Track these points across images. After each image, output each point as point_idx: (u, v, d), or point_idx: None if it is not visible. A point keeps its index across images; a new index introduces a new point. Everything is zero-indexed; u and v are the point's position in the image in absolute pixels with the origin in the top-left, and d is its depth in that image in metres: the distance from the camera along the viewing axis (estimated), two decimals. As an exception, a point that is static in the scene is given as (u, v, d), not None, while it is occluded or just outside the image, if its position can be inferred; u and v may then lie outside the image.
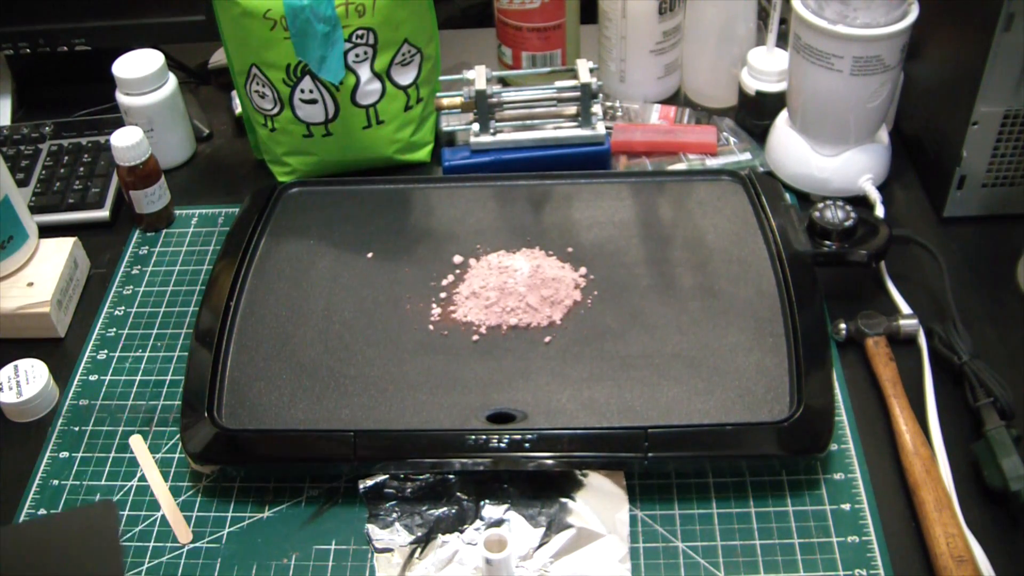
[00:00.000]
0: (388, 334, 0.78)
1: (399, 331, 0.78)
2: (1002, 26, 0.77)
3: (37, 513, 0.72)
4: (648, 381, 0.72)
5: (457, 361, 0.75)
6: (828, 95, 0.86)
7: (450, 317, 0.79)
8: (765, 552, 0.66)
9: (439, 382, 0.74)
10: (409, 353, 0.76)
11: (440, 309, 0.79)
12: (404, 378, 0.74)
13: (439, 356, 0.75)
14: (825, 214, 0.81)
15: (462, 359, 0.75)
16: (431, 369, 0.75)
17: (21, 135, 1.04)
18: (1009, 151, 0.85)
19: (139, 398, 0.80)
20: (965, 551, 0.63)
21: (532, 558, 0.66)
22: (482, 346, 0.76)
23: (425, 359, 0.75)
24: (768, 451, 0.69)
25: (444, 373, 0.74)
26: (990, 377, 0.72)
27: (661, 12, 1.00)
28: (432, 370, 0.74)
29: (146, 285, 0.90)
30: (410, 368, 0.75)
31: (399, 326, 0.78)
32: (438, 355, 0.75)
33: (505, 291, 0.79)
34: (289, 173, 0.97)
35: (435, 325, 0.78)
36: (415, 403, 0.72)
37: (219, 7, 0.89)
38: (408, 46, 0.93)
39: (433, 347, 0.76)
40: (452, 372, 0.74)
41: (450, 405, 0.72)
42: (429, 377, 0.74)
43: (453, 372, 0.74)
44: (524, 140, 0.95)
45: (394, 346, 0.77)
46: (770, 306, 0.77)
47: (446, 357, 0.75)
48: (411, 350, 0.76)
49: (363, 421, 0.71)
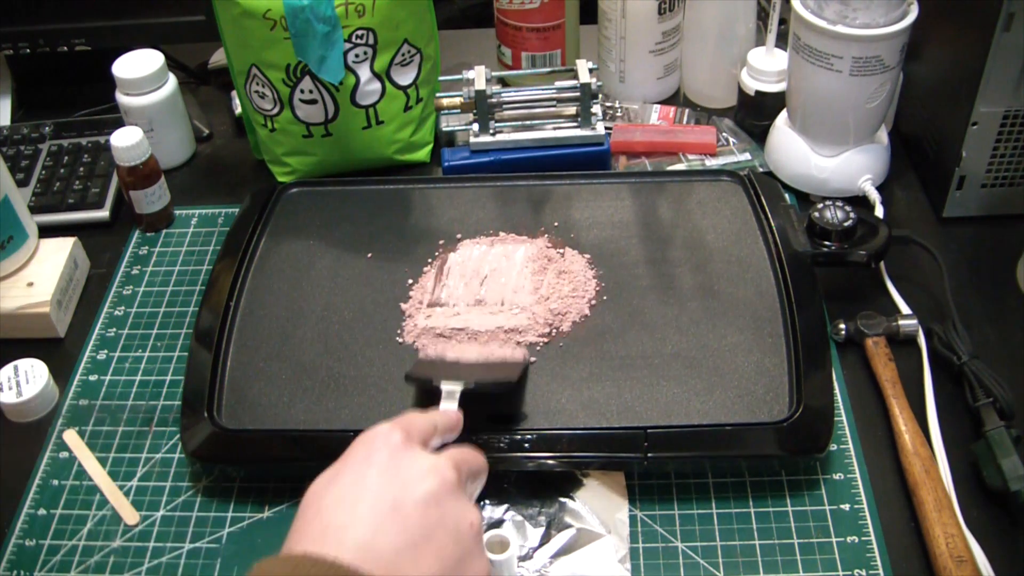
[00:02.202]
0: (388, 334, 0.78)
1: (399, 331, 0.78)
2: (1002, 26, 0.77)
3: (37, 513, 0.72)
4: (648, 381, 0.72)
5: (424, 394, 0.74)
6: (828, 95, 0.87)
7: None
8: (765, 552, 0.66)
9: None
10: (409, 353, 0.76)
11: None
12: (404, 378, 0.74)
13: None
14: (825, 214, 0.81)
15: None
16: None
17: (21, 135, 1.04)
18: (1009, 151, 0.85)
19: (139, 398, 0.80)
20: (965, 551, 0.63)
21: (532, 558, 0.66)
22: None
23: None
24: (768, 451, 0.69)
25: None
26: (990, 377, 0.72)
27: (661, 12, 1.00)
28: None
29: (146, 285, 0.90)
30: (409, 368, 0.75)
31: (399, 326, 0.78)
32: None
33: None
34: (289, 173, 0.97)
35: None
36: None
37: (219, 7, 0.89)
38: (408, 46, 0.93)
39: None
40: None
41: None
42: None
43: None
44: (524, 140, 0.95)
45: (394, 346, 0.77)
46: (770, 306, 0.77)
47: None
48: (411, 350, 0.76)
49: (363, 421, 0.71)
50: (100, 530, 0.71)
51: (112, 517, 0.71)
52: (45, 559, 0.69)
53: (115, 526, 0.71)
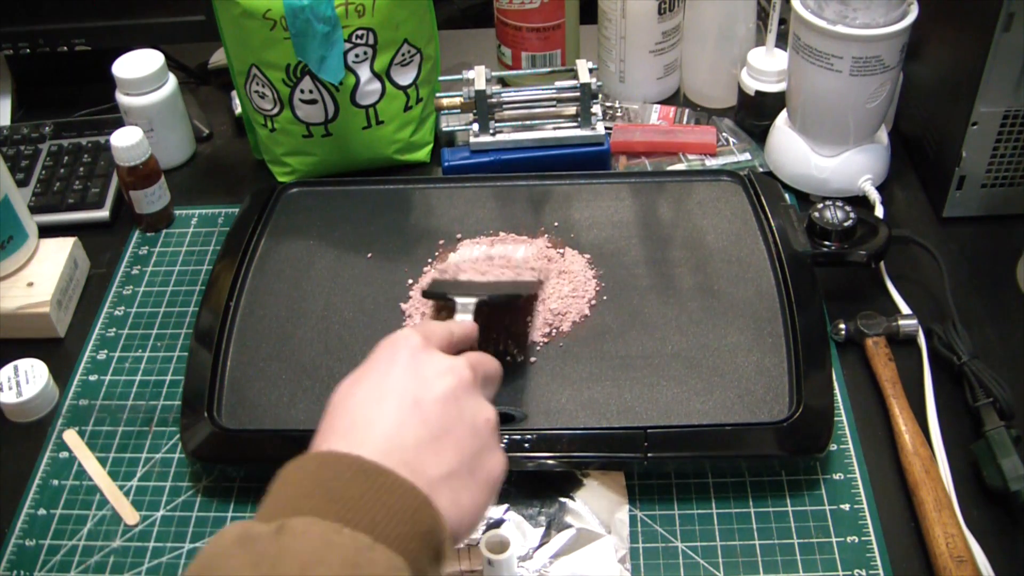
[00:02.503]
0: (388, 334, 0.77)
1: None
2: (1002, 26, 0.77)
3: (37, 513, 0.72)
4: (648, 381, 0.72)
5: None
6: (828, 95, 0.87)
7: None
8: (764, 552, 0.66)
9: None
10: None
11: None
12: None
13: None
14: (824, 214, 0.81)
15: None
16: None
17: (21, 135, 1.04)
18: (1009, 151, 0.85)
19: (139, 398, 0.80)
20: (965, 551, 0.63)
21: (532, 558, 0.66)
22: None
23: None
24: (768, 451, 0.69)
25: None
26: (990, 377, 0.72)
27: (661, 12, 1.00)
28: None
29: (146, 285, 0.90)
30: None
31: (399, 326, 0.78)
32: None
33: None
34: (289, 173, 0.97)
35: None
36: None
37: (219, 7, 0.89)
38: (408, 46, 0.93)
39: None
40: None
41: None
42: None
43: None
44: (524, 140, 0.95)
45: (394, 346, 0.77)
46: (769, 306, 0.77)
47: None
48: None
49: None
50: (100, 530, 0.71)
51: (112, 517, 0.71)
52: (45, 559, 0.69)
53: (115, 526, 0.71)
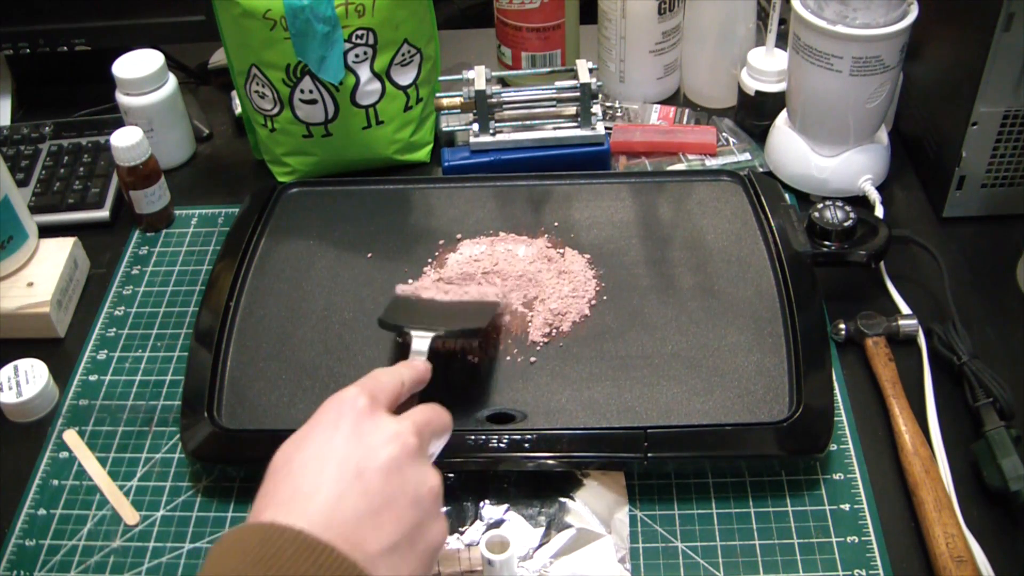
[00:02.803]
0: (388, 334, 0.78)
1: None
2: (1002, 26, 0.77)
3: (37, 513, 0.72)
4: (648, 381, 0.72)
5: (456, 361, 0.75)
6: (828, 95, 0.87)
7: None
8: (764, 552, 0.66)
9: (438, 382, 0.73)
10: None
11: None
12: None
13: (438, 356, 0.75)
14: (824, 214, 0.81)
15: (461, 359, 0.75)
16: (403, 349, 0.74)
17: (21, 135, 1.04)
18: (1009, 151, 0.85)
19: (139, 398, 0.80)
20: (965, 551, 0.63)
21: (532, 558, 0.66)
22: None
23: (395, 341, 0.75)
24: (767, 451, 0.69)
25: (443, 373, 0.74)
26: (990, 377, 0.72)
27: (661, 12, 1.00)
28: (433, 370, 0.74)
29: (146, 285, 0.90)
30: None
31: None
32: (437, 355, 0.75)
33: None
34: (289, 173, 0.97)
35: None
36: (414, 403, 0.72)
37: (219, 7, 0.89)
38: (408, 46, 0.93)
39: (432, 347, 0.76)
40: (451, 372, 0.74)
41: (450, 405, 0.71)
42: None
43: (452, 372, 0.74)
44: (524, 140, 0.95)
45: (394, 346, 0.77)
46: (769, 306, 0.77)
47: (445, 357, 0.75)
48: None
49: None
50: (100, 530, 0.71)
51: (112, 517, 0.71)
52: (45, 559, 0.69)
53: (115, 526, 0.71)
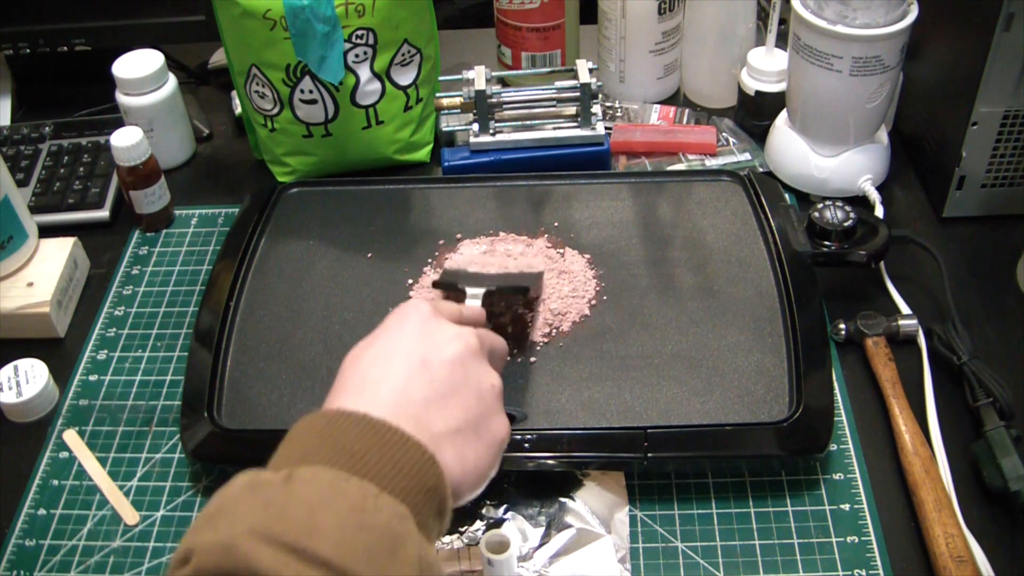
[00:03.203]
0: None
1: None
2: (1002, 26, 0.77)
3: (37, 513, 0.72)
4: (648, 381, 0.72)
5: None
6: (828, 95, 0.87)
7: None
8: (764, 552, 0.66)
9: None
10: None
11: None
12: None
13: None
14: (824, 214, 0.81)
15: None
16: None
17: (21, 135, 1.04)
18: (1009, 151, 0.85)
19: (139, 398, 0.80)
20: (965, 551, 0.63)
21: (532, 558, 0.66)
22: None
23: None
24: (767, 451, 0.69)
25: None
26: (990, 377, 0.72)
27: (661, 12, 1.00)
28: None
29: (146, 285, 0.90)
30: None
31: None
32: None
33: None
34: (289, 173, 0.97)
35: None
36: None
37: (219, 7, 0.89)
38: (408, 46, 0.93)
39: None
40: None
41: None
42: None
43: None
44: (524, 140, 0.95)
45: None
46: (769, 306, 0.77)
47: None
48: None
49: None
50: (100, 530, 0.71)
51: (112, 517, 0.71)
52: (45, 559, 0.69)
53: (115, 526, 0.71)
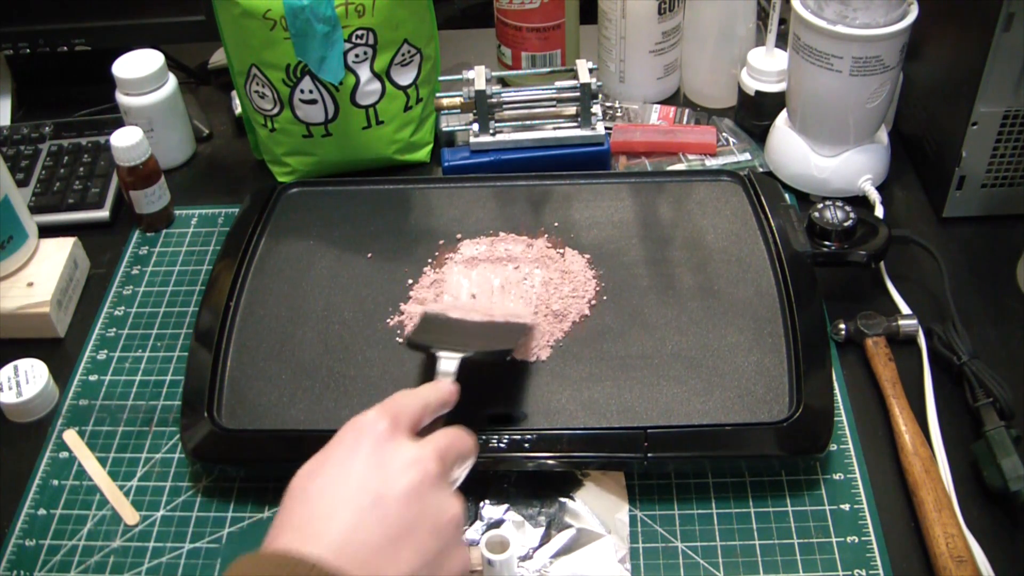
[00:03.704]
0: (388, 334, 0.78)
1: (399, 331, 0.78)
2: (1002, 26, 0.77)
3: (37, 513, 0.72)
4: (648, 381, 0.72)
5: (428, 359, 0.75)
6: (828, 95, 0.87)
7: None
8: (764, 552, 0.66)
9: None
10: (409, 353, 0.76)
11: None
12: (404, 378, 0.74)
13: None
14: (824, 214, 0.81)
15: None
16: (431, 369, 0.74)
17: (21, 135, 1.04)
18: (1009, 151, 0.85)
19: (139, 398, 0.80)
20: (964, 551, 0.63)
21: (532, 558, 0.66)
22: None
23: (424, 359, 0.75)
24: (767, 451, 0.69)
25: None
26: (990, 377, 0.72)
27: (661, 12, 1.00)
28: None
29: (146, 285, 0.90)
30: (410, 368, 0.75)
31: (399, 327, 0.78)
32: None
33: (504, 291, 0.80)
34: (289, 173, 0.97)
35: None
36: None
37: (219, 7, 0.89)
38: (408, 46, 0.93)
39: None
40: (423, 370, 0.74)
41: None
42: (428, 377, 0.74)
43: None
44: (524, 140, 0.95)
45: (394, 346, 0.77)
46: (769, 306, 0.77)
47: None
48: (411, 350, 0.76)
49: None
50: (100, 530, 0.71)
51: (112, 517, 0.71)
52: (45, 559, 0.69)
53: (115, 526, 0.71)
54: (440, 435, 0.55)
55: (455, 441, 0.56)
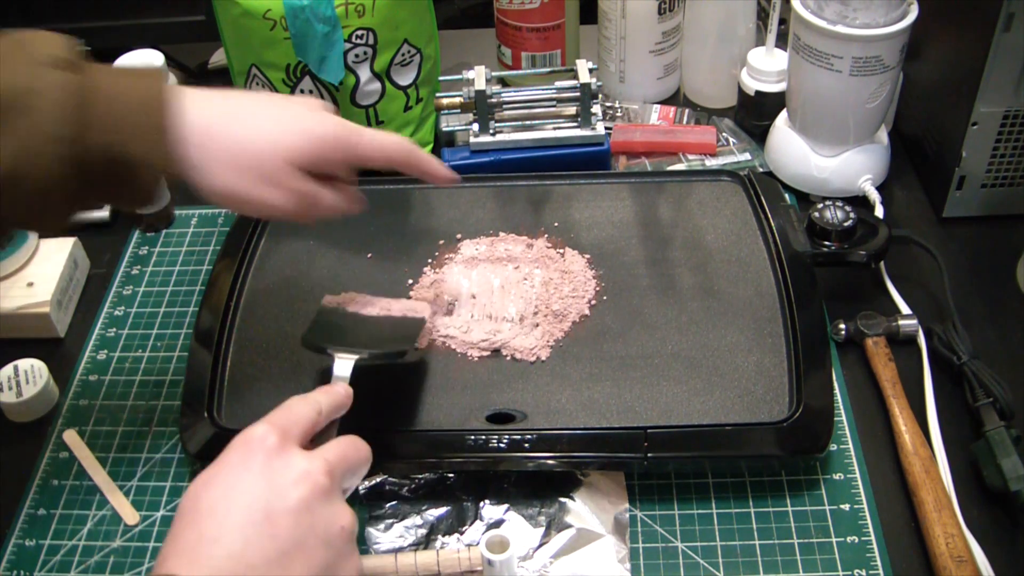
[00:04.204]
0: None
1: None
2: (1002, 26, 0.77)
3: (37, 513, 0.72)
4: (648, 381, 0.72)
5: (456, 361, 0.75)
6: (828, 95, 0.87)
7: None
8: (764, 552, 0.66)
9: (438, 382, 0.74)
10: (408, 353, 0.76)
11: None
12: (403, 378, 0.74)
13: (439, 356, 0.75)
14: (824, 214, 0.81)
15: (462, 359, 0.75)
16: (430, 369, 0.75)
17: (21, 135, 1.04)
18: (1009, 151, 0.85)
19: (139, 398, 0.80)
20: (964, 551, 0.63)
21: (532, 558, 0.66)
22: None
23: (425, 359, 0.75)
24: (767, 451, 0.69)
25: (443, 373, 0.74)
26: (990, 377, 0.72)
27: (661, 12, 1.00)
28: (431, 370, 0.74)
29: (146, 285, 0.90)
30: (409, 368, 0.75)
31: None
32: (438, 355, 0.75)
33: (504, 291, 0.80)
34: (289, 173, 0.97)
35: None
36: (414, 403, 0.72)
37: (219, 7, 0.89)
38: (408, 46, 0.93)
39: (433, 347, 0.76)
40: (451, 372, 0.74)
41: (450, 405, 0.72)
42: (428, 377, 0.74)
43: (452, 372, 0.74)
44: (524, 140, 0.95)
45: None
46: (769, 306, 0.77)
47: (446, 357, 0.75)
48: (410, 350, 0.76)
49: (363, 421, 0.71)
50: (100, 530, 0.71)
51: (112, 517, 0.71)
52: (45, 559, 0.69)
53: (115, 526, 0.71)
54: (332, 445, 0.56)
55: (347, 451, 0.56)
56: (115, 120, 0.57)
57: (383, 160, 0.66)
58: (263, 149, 0.61)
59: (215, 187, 0.61)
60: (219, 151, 0.60)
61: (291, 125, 0.62)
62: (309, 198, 0.63)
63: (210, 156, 0.60)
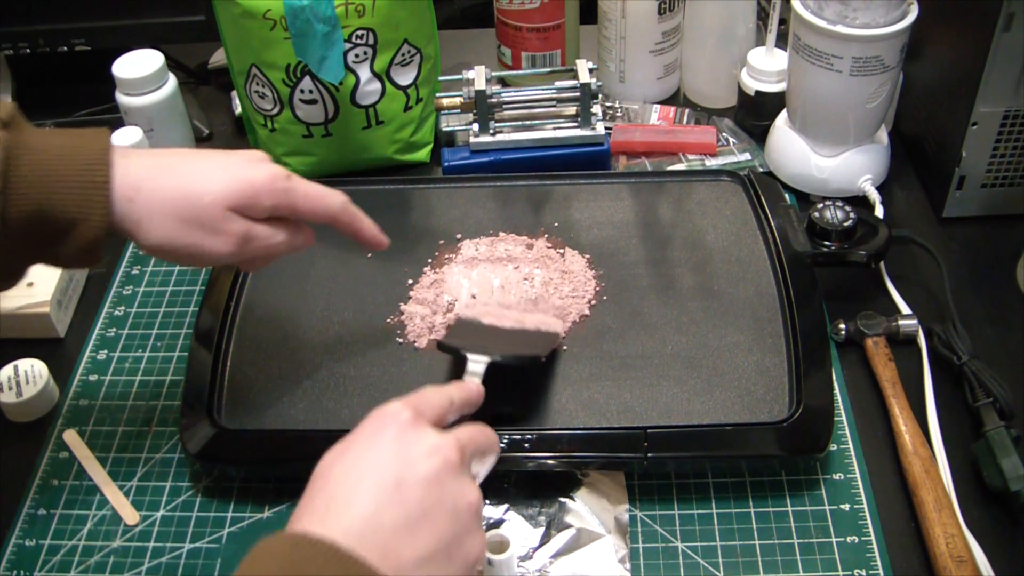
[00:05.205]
0: (388, 334, 0.78)
1: (399, 331, 0.78)
2: (1002, 26, 0.77)
3: (37, 513, 0.72)
4: (648, 381, 0.72)
5: (457, 361, 0.75)
6: (828, 95, 0.87)
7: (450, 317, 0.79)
8: (764, 552, 0.66)
9: (439, 382, 0.74)
10: (409, 353, 0.76)
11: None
12: (404, 378, 0.74)
13: (439, 356, 0.75)
14: (824, 214, 0.81)
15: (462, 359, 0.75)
16: (431, 369, 0.75)
17: (21, 135, 1.04)
18: (1009, 151, 0.85)
19: (139, 398, 0.80)
20: (965, 551, 0.63)
21: (532, 558, 0.66)
22: (482, 346, 0.76)
23: (425, 359, 0.75)
24: (767, 451, 0.69)
25: (444, 373, 0.74)
26: (990, 377, 0.72)
27: (661, 12, 1.00)
28: (432, 370, 0.74)
29: (146, 285, 0.90)
30: (410, 368, 0.75)
31: (398, 327, 0.78)
32: (438, 355, 0.75)
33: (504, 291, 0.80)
34: (289, 173, 0.97)
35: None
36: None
37: (219, 7, 0.89)
38: (408, 46, 0.93)
39: (432, 347, 0.76)
40: (452, 372, 0.74)
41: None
42: (429, 377, 0.74)
43: (453, 372, 0.74)
44: (524, 140, 0.95)
45: (394, 346, 0.77)
46: (769, 306, 0.77)
47: (445, 357, 0.75)
48: (411, 350, 0.76)
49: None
50: (100, 530, 0.71)
51: (112, 517, 0.71)
52: (45, 559, 0.69)
53: (115, 526, 0.71)
54: (463, 429, 0.57)
55: (477, 436, 0.57)
56: (47, 177, 0.59)
57: (319, 213, 0.67)
58: (198, 194, 0.62)
59: (152, 240, 0.62)
60: (158, 203, 0.62)
61: (226, 172, 0.64)
62: (245, 239, 0.64)
63: (150, 209, 0.61)
